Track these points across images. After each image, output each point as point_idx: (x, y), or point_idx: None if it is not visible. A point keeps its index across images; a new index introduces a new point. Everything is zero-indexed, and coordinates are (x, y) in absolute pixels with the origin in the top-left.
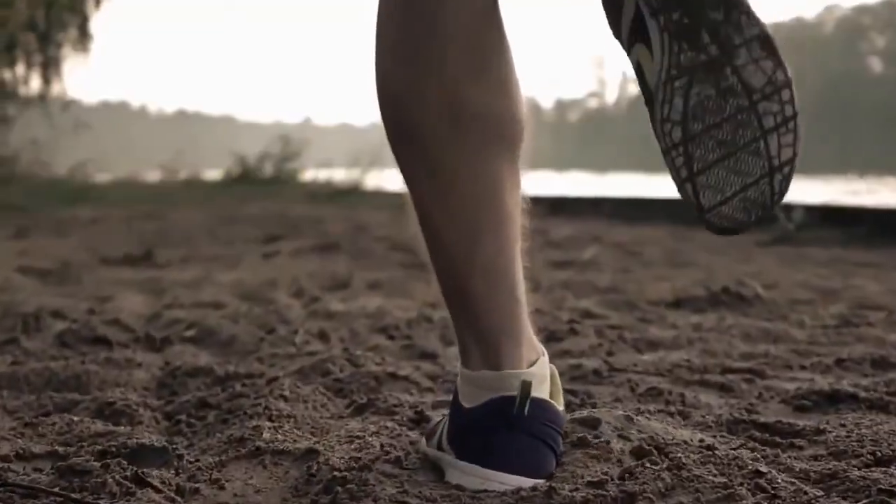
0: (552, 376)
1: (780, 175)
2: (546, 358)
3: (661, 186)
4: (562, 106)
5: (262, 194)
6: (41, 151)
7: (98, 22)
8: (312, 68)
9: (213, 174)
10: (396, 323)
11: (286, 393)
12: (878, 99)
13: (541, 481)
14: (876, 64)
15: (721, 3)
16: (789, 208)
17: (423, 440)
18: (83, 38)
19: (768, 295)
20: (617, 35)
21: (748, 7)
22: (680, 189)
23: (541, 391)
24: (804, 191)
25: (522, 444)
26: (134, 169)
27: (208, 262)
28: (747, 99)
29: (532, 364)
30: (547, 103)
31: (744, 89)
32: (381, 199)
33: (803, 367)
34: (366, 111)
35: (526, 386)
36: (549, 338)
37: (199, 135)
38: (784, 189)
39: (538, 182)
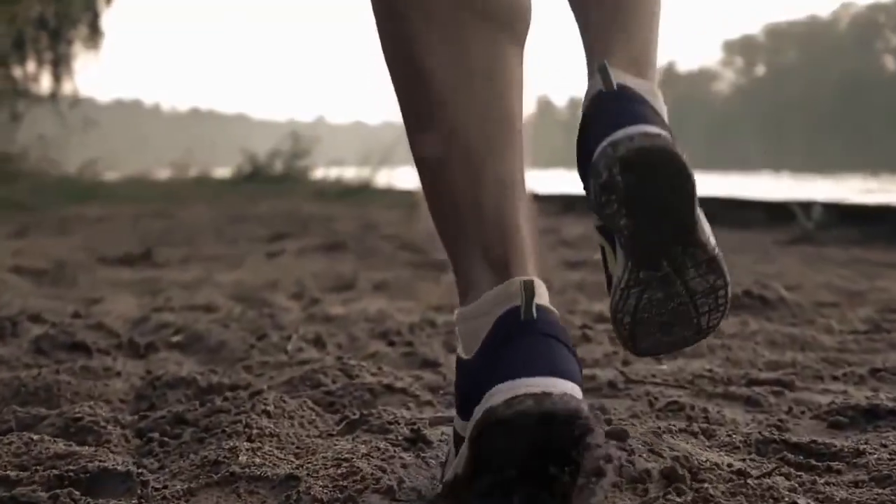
0: None
1: (705, 334)
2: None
3: None
4: (575, 104)
5: (272, 192)
6: (50, 149)
7: (111, 20)
8: (326, 67)
9: (224, 172)
10: (398, 328)
11: (270, 408)
12: (892, 97)
13: (568, 385)
14: (890, 62)
15: (682, 240)
16: (808, 206)
17: (440, 472)
18: (94, 35)
19: (792, 297)
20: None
21: (704, 240)
22: (622, 343)
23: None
24: (819, 189)
25: (537, 343)
26: (144, 167)
27: (210, 262)
28: (689, 298)
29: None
30: (560, 101)
31: (687, 293)
32: (392, 196)
33: (835, 378)
34: (379, 109)
35: (528, 285)
36: None
37: (212, 133)
38: (703, 338)
39: (551, 180)
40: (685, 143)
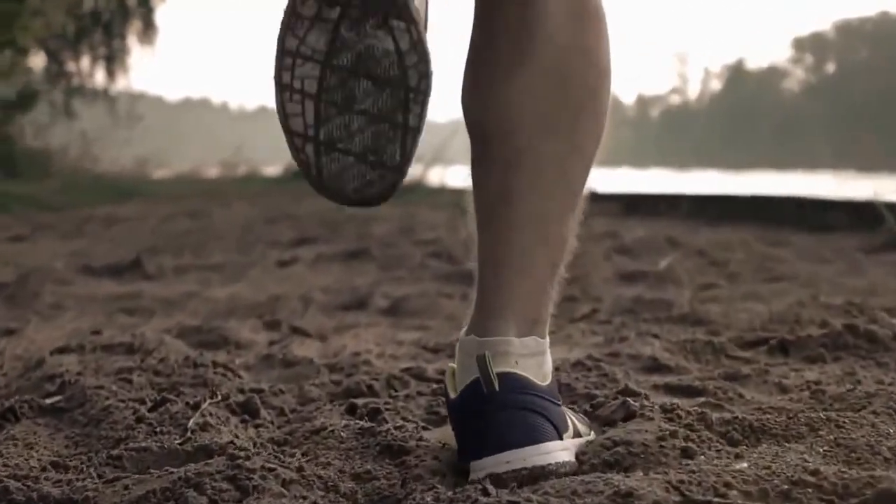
0: None
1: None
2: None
3: (746, 183)
4: (643, 102)
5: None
6: (94, 146)
7: (173, 15)
8: None
9: (275, 170)
10: (371, 383)
11: None
12: None
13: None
14: None
15: None
16: (893, 207)
17: None
18: (148, 30)
19: None
20: None
21: None
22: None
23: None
24: (893, 188)
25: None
26: (196, 165)
27: (210, 272)
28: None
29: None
30: (628, 99)
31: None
32: (443, 196)
33: None
34: (446, 107)
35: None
36: (589, 416)
37: (277, 131)
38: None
39: (614, 179)
40: (754, 142)
